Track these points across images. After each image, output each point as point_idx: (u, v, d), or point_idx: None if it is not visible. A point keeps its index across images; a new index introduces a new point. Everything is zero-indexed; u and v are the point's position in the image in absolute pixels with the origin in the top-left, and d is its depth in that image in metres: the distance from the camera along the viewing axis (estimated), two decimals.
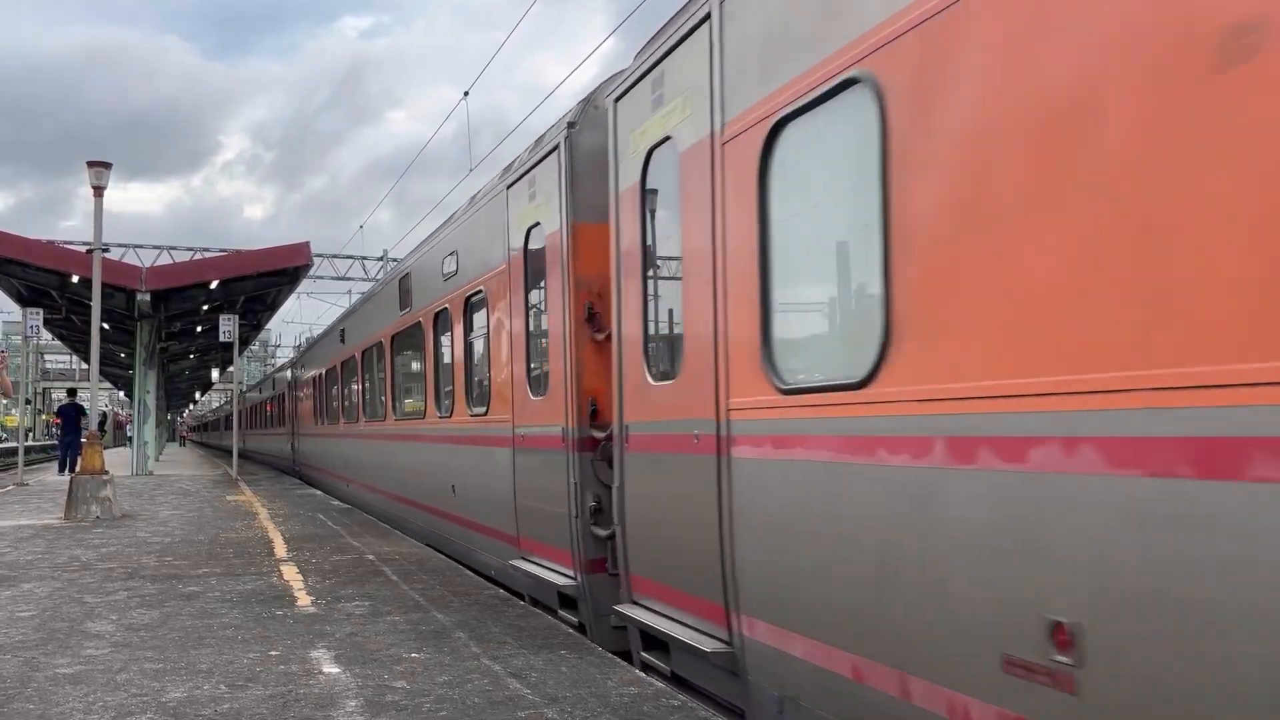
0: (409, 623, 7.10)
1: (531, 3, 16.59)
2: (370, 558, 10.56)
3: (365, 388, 16.68)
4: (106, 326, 27.30)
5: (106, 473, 15.60)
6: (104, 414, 52.81)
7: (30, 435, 64.83)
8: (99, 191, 17.03)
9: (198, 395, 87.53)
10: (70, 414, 28.44)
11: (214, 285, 25.59)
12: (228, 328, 25.81)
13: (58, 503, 16.82)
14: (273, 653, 6.20)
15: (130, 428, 35.06)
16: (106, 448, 19.87)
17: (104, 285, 18.72)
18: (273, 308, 32.04)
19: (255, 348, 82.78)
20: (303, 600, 8.04)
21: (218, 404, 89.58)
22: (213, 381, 65.13)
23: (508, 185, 8.58)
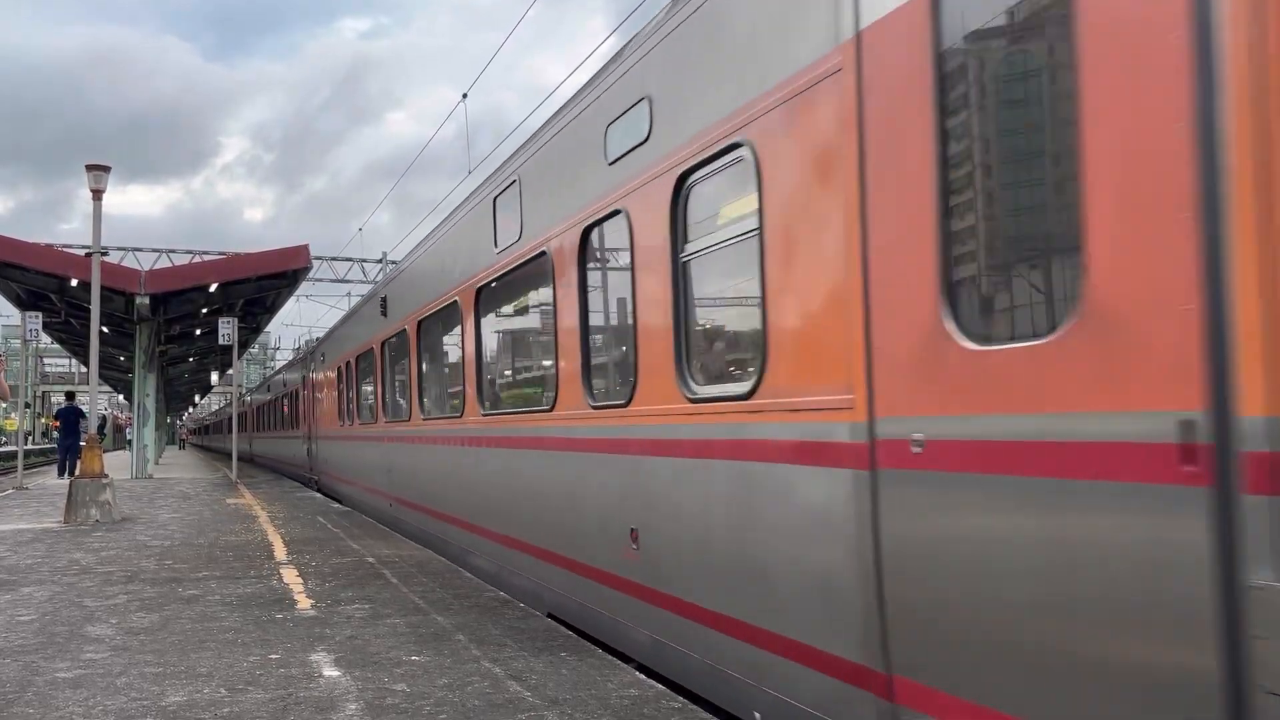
0: (409, 625, 7.10)
1: (530, 4, 16.59)
2: (370, 560, 10.56)
3: (427, 372, 12.17)
4: (106, 330, 27.30)
5: (106, 476, 15.59)
6: (103, 417, 52.78)
7: (29, 439, 64.80)
8: (98, 195, 17.02)
9: (197, 398, 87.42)
10: (69, 417, 28.44)
11: (213, 288, 25.60)
12: (227, 330, 25.81)
13: (57, 506, 16.81)
14: (273, 656, 6.20)
15: (130, 431, 35.05)
16: (106, 451, 19.86)
17: (103, 289, 18.72)
18: (272, 310, 32.05)
19: (254, 350, 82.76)
20: (303, 603, 8.03)
21: (219, 405, 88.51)
22: (212, 384, 65.13)
23: None
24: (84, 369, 55.00)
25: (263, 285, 27.11)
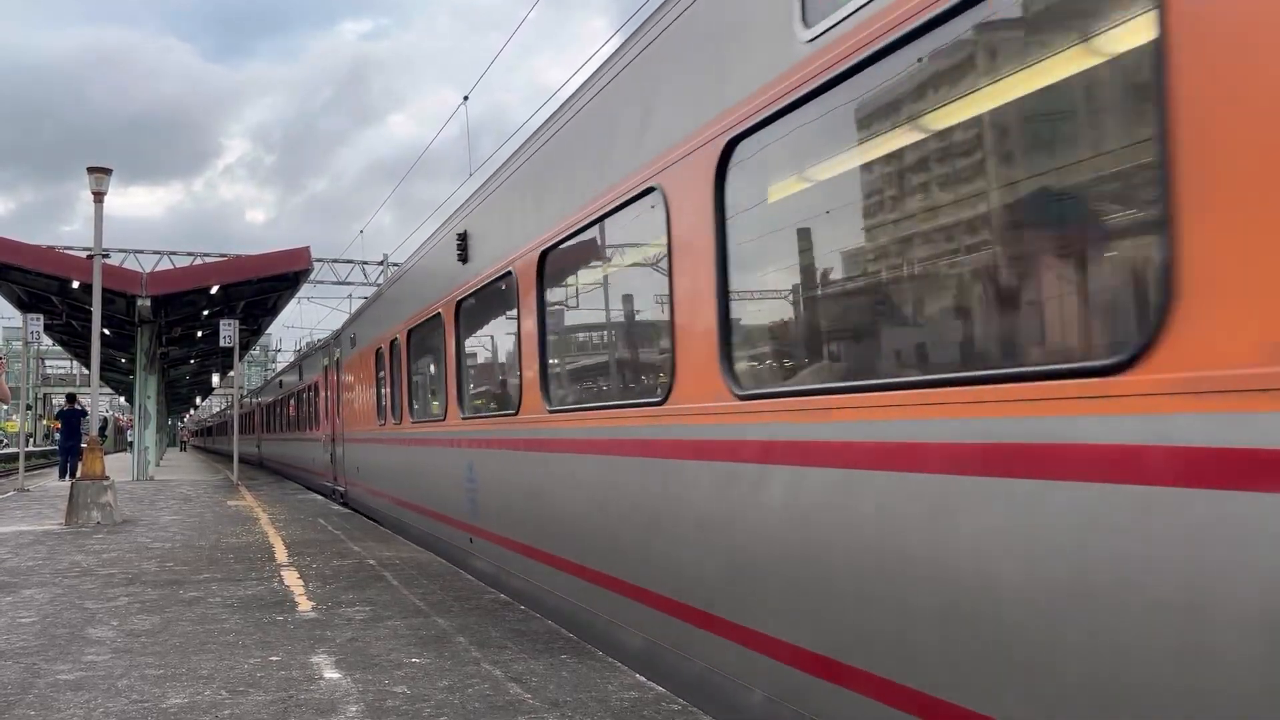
0: (410, 628, 7.10)
1: (532, 6, 16.61)
2: (371, 563, 10.56)
3: (531, 347, 7.76)
4: (107, 332, 27.34)
5: (107, 478, 15.60)
6: (104, 419, 52.83)
7: (30, 440, 64.80)
8: (99, 197, 17.04)
9: (198, 400, 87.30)
10: (71, 419, 28.46)
11: (214, 290, 25.64)
12: (228, 332, 25.83)
13: (58, 508, 16.83)
14: (274, 658, 6.20)
15: (131, 433, 35.07)
16: (107, 453, 19.87)
17: (104, 290, 18.74)
18: (273, 312, 32.09)
19: (255, 352, 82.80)
20: (303, 605, 8.04)
21: (222, 406, 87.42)
22: (213, 386, 65.14)
23: None
24: (85, 371, 55.08)
25: (264, 287, 27.15)
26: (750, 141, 4.68)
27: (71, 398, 30.47)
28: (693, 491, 5.21)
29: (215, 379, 57.10)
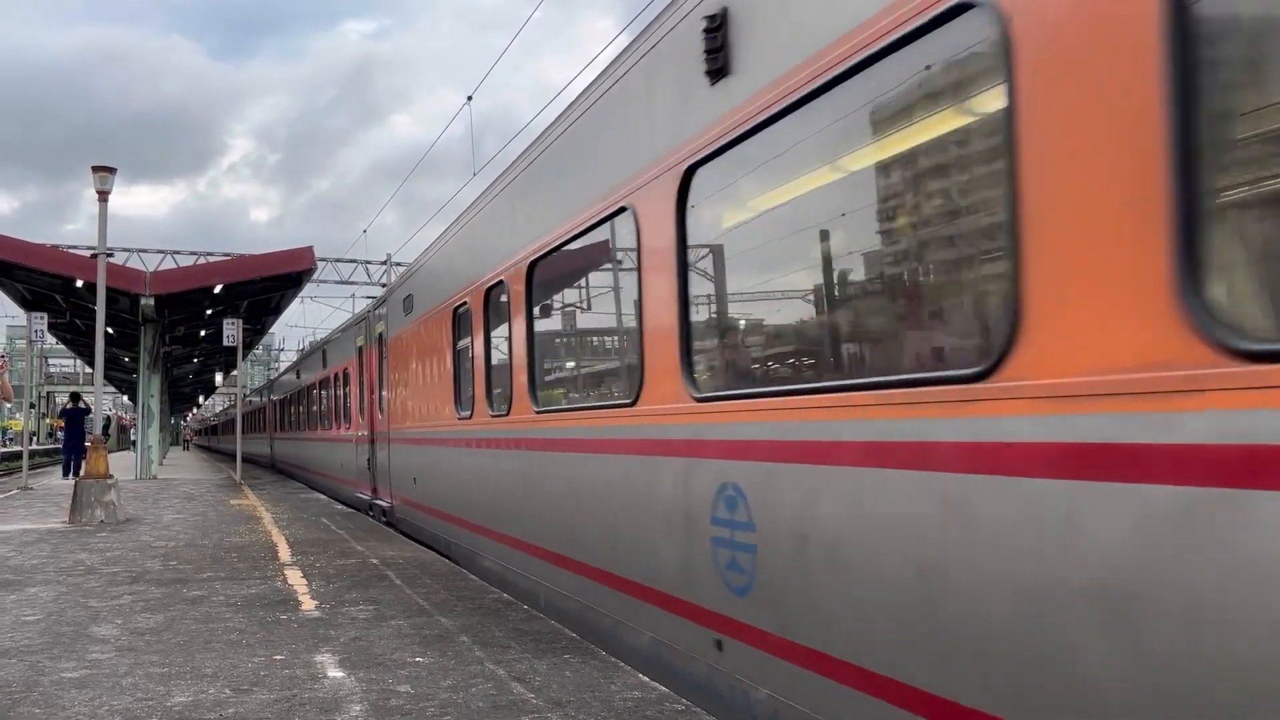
0: (413, 627, 7.11)
1: (536, 6, 16.63)
2: (374, 562, 10.58)
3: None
4: (111, 331, 27.38)
5: (111, 477, 15.63)
6: (108, 418, 52.88)
7: (34, 439, 64.88)
8: (103, 196, 17.07)
9: (201, 399, 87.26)
10: (75, 418, 28.50)
11: (218, 289, 25.68)
12: (231, 332, 25.86)
13: (62, 507, 16.86)
14: (277, 657, 6.22)
15: (134, 431, 35.10)
16: (110, 451, 19.88)
17: (108, 290, 18.78)
18: (276, 311, 32.15)
19: (259, 352, 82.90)
20: (307, 604, 8.05)
21: (225, 404, 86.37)
22: (216, 385, 65.16)
23: None
24: (89, 369, 55.14)
25: (267, 287, 27.20)
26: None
27: (76, 396, 30.52)
28: None
29: (218, 378, 57.13)
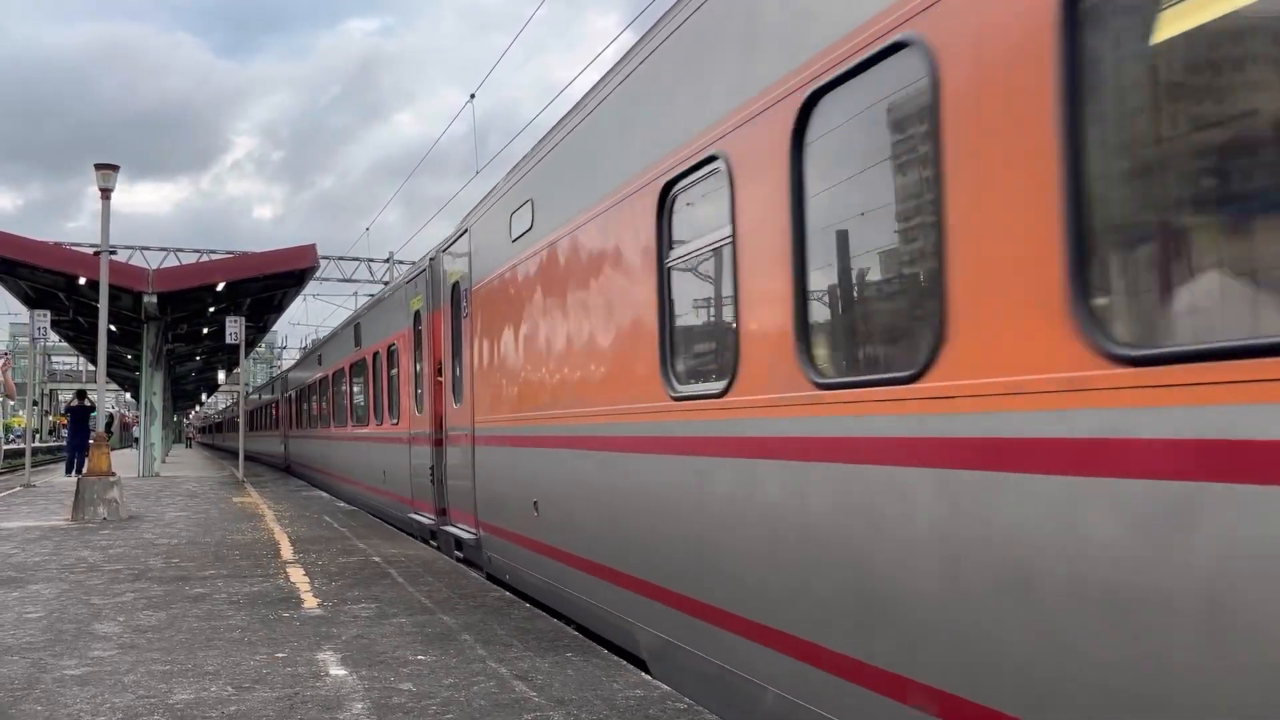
0: (415, 625, 7.11)
1: (539, 5, 16.61)
2: (376, 560, 10.58)
3: None
4: (113, 328, 27.39)
5: (113, 474, 15.64)
6: (111, 415, 52.90)
7: (37, 436, 64.95)
8: (106, 194, 17.08)
9: (204, 396, 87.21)
10: (78, 415, 28.53)
11: (220, 287, 25.67)
12: (234, 330, 25.87)
13: (64, 504, 16.88)
14: (279, 655, 6.22)
15: (136, 429, 35.10)
16: (113, 449, 19.85)
17: (111, 287, 18.79)
18: (279, 309, 32.14)
19: (261, 349, 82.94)
20: (309, 602, 8.05)
21: (226, 404, 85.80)
22: (219, 383, 65.13)
23: None
24: (91, 367, 55.19)
25: (270, 284, 27.19)
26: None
27: (81, 394, 30.54)
28: None
29: (221, 376, 57.15)
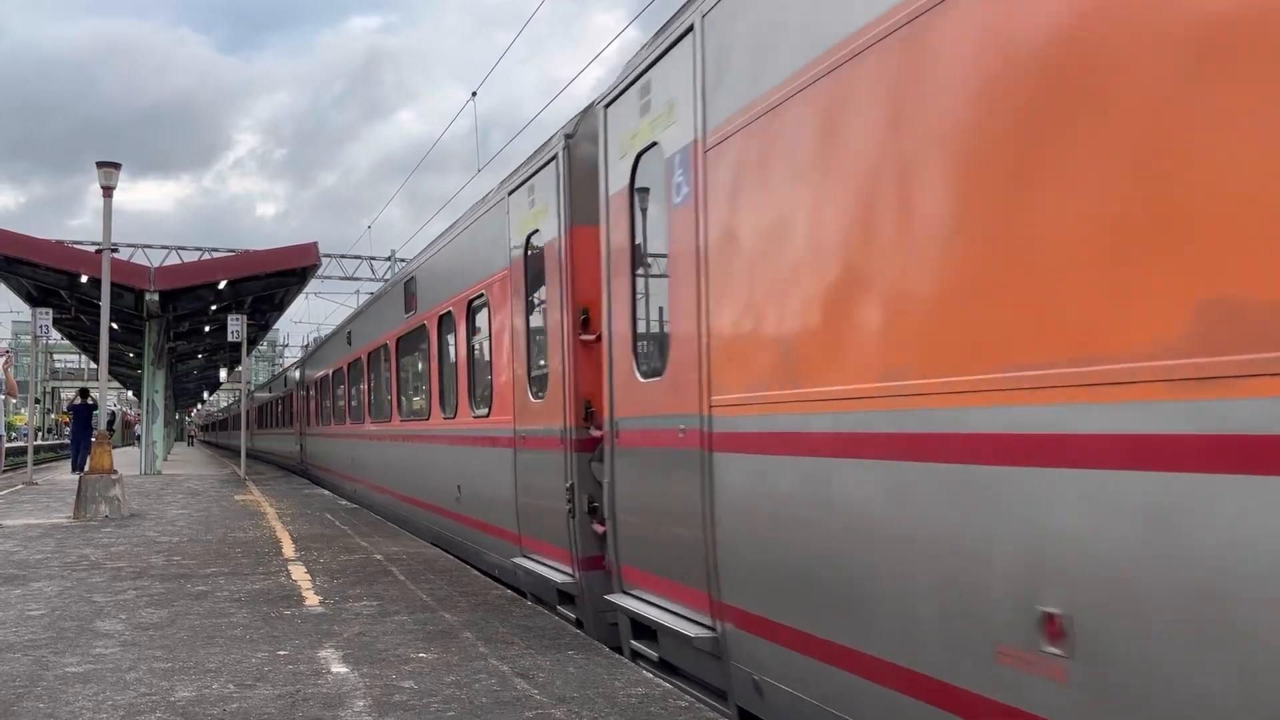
0: (417, 622, 7.11)
1: (540, 3, 16.60)
2: (378, 557, 10.58)
3: None
4: (115, 326, 27.40)
5: (115, 472, 15.64)
6: (113, 414, 52.95)
7: (39, 434, 65.00)
8: (108, 192, 17.09)
9: (206, 395, 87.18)
10: (81, 413, 28.54)
11: (222, 285, 25.68)
12: (236, 328, 25.88)
13: (67, 502, 16.89)
14: (281, 652, 6.22)
15: (139, 427, 35.12)
16: (115, 447, 19.88)
17: (113, 285, 18.80)
18: (281, 307, 32.13)
19: (263, 347, 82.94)
20: (311, 600, 8.05)
21: (233, 399, 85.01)
22: (221, 381, 65.14)
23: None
24: (94, 365, 55.22)
25: (272, 282, 27.19)
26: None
27: (85, 393, 30.56)
28: None
29: (223, 374, 57.16)
